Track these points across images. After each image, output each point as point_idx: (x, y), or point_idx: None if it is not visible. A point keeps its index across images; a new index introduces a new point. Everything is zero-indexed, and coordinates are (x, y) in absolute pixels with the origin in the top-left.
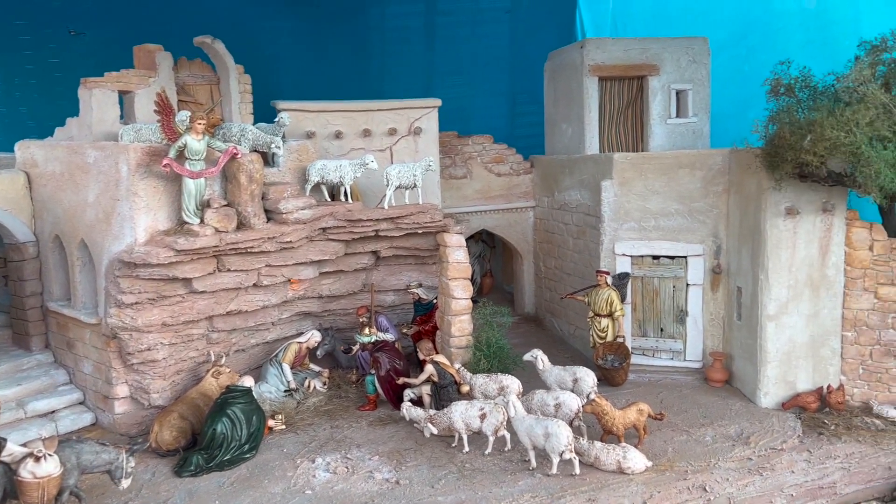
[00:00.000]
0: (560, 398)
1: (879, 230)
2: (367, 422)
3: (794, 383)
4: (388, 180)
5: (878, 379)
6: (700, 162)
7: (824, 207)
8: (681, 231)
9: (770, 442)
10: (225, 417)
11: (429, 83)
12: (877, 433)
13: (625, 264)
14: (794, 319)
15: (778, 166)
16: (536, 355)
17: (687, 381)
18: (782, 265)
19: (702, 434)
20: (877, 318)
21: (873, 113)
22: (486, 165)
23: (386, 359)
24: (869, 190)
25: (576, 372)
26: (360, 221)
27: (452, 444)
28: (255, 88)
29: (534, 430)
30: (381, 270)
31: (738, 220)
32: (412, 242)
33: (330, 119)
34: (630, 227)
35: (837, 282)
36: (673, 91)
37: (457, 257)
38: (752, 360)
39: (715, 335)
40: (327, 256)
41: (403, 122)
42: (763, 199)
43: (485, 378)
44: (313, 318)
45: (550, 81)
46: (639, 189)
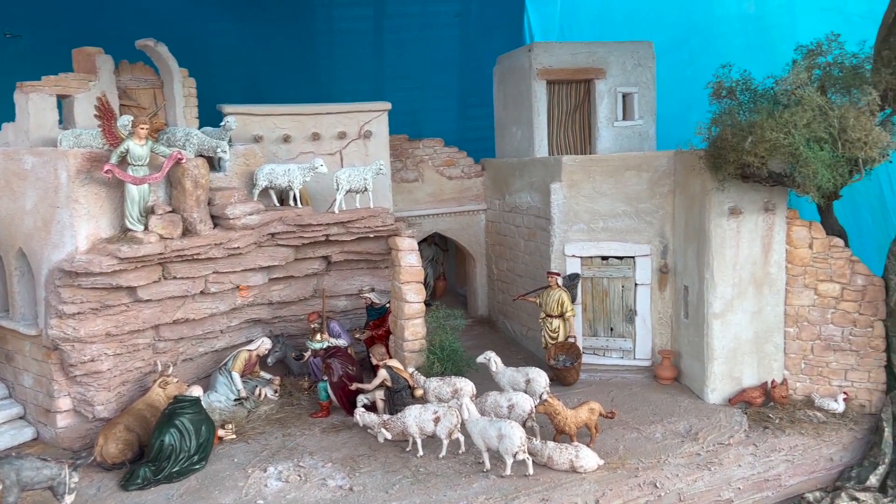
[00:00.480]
0: (513, 399)
1: (818, 228)
2: (320, 429)
3: (739, 379)
4: (338, 184)
5: (819, 373)
6: (646, 164)
7: (766, 207)
8: (628, 232)
9: (718, 437)
10: (173, 428)
11: (379, 87)
12: (818, 425)
13: (575, 265)
14: (738, 317)
15: (721, 167)
16: (489, 357)
17: (637, 379)
18: (727, 264)
19: (652, 431)
20: (817, 313)
21: (810, 115)
22: (437, 169)
23: (338, 365)
24: (807, 189)
25: (528, 373)
26: (309, 226)
27: (406, 449)
28: (201, 92)
29: (487, 431)
30: (333, 275)
31: (684, 220)
32: (364, 247)
33: (278, 123)
34: (579, 229)
35: (780, 279)
36: (619, 94)
37: (409, 261)
38: (699, 357)
39: (663, 333)
40: (277, 262)
41: (353, 126)
42: (707, 200)
43: (438, 381)
44: (263, 326)
45: (500, 85)
46: (587, 191)
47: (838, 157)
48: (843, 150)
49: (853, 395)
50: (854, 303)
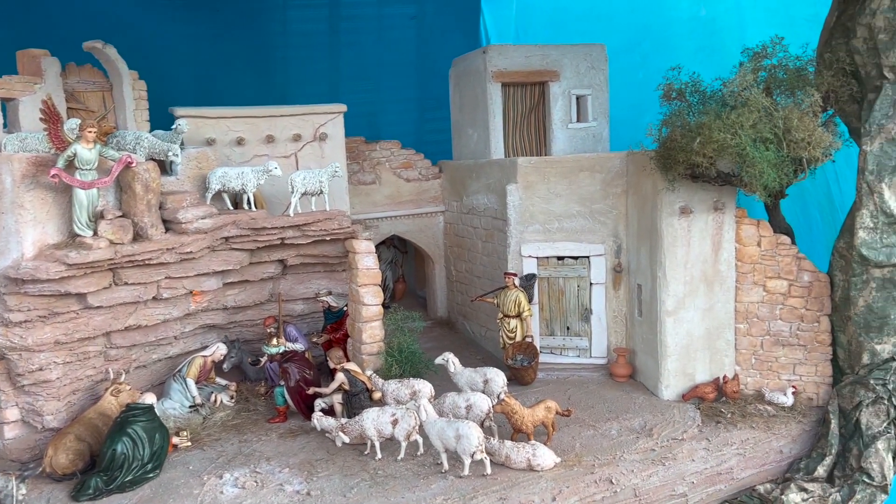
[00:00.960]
0: (471, 400)
1: (766, 227)
2: (278, 434)
3: (692, 375)
4: (293, 187)
5: (769, 368)
6: (599, 165)
7: (715, 206)
8: (583, 232)
9: (671, 433)
10: (125, 437)
11: (335, 88)
12: (769, 419)
13: (531, 265)
14: (690, 314)
15: (671, 168)
16: (448, 358)
17: (593, 377)
18: (678, 262)
19: (608, 428)
20: (766, 309)
21: (756, 116)
22: (394, 171)
23: (295, 369)
24: (754, 189)
25: (486, 373)
26: (264, 230)
27: (365, 452)
28: (154, 95)
29: (445, 432)
30: (289, 279)
31: (637, 220)
32: (320, 250)
33: (231, 125)
34: (535, 230)
35: (729, 277)
36: (573, 96)
37: (366, 264)
38: (653, 354)
39: (618, 332)
40: (231, 266)
41: (308, 128)
42: (658, 200)
43: (397, 384)
44: (219, 331)
45: (456, 87)
46: (542, 192)
47: (783, 157)
48: (787, 150)
49: (801, 388)
50: (801, 299)
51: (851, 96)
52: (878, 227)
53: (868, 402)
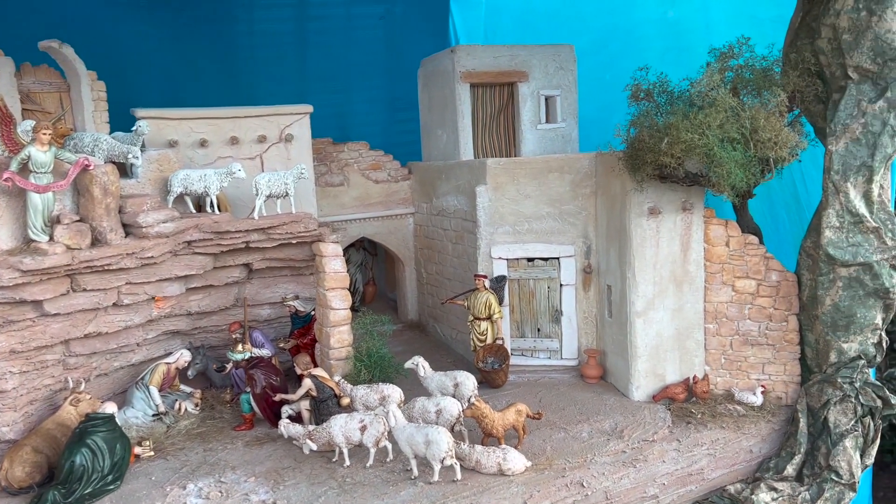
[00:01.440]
0: (441, 404)
1: (734, 227)
2: (244, 442)
3: (663, 376)
4: (258, 189)
5: (738, 367)
6: (568, 166)
7: (684, 206)
8: (553, 233)
9: (642, 434)
10: (84, 448)
11: (303, 89)
12: (738, 418)
13: (501, 267)
14: (660, 314)
15: (639, 168)
16: (417, 362)
17: (564, 378)
18: (647, 263)
19: (578, 430)
20: (735, 309)
21: (723, 116)
22: (363, 172)
23: (261, 375)
24: (722, 189)
25: (456, 377)
26: (228, 233)
27: (333, 459)
28: (117, 96)
29: (414, 438)
30: (255, 283)
31: (606, 220)
32: (286, 253)
33: (194, 127)
34: (505, 231)
35: (698, 277)
36: (542, 97)
37: (334, 267)
38: (623, 355)
39: (589, 333)
40: (194, 271)
41: (273, 129)
42: (627, 200)
43: (366, 389)
44: (183, 337)
45: (424, 88)
46: (512, 194)
47: (750, 157)
48: (754, 150)
49: (770, 387)
50: (769, 298)
51: (817, 96)
52: (843, 227)
53: (836, 400)
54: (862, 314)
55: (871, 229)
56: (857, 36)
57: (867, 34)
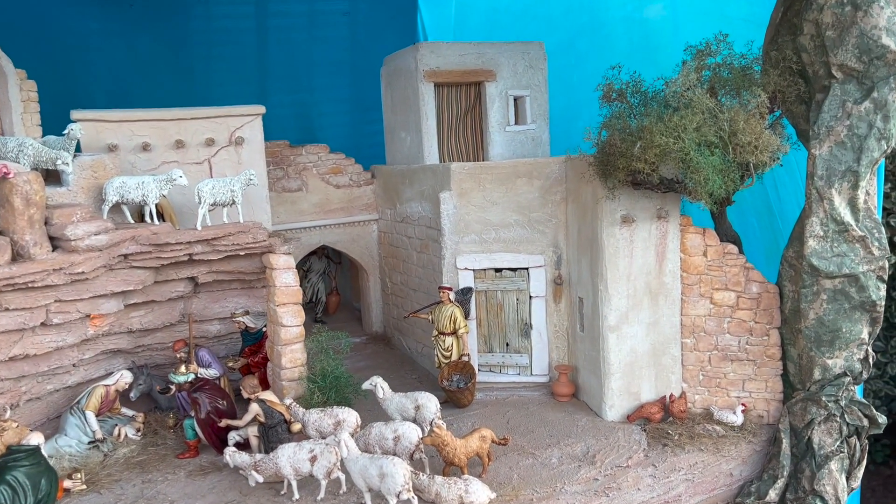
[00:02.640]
0: (399, 430)
1: (712, 235)
2: (187, 472)
3: (638, 394)
4: (200, 198)
5: (718, 384)
6: (537, 171)
7: (659, 214)
8: (521, 242)
9: (616, 459)
10: (4, 485)
11: (263, 90)
12: (718, 440)
13: (468, 278)
14: (634, 329)
15: (611, 174)
16: (376, 383)
17: (534, 396)
18: (620, 274)
19: (548, 456)
20: (713, 323)
21: (700, 118)
22: (322, 177)
23: (206, 399)
24: (698, 196)
25: (418, 398)
26: (168, 245)
27: (282, 492)
28: (58, 97)
29: (368, 470)
30: (203, 298)
31: (577, 229)
32: (235, 265)
33: (135, 130)
34: (471, 240)
35: (675, 289)
36: (511, 97)
37: (285, 280)
38: (596, 372)
39: (560, 348)
40: (132, 286)
41: (223, 132)
42: (598, 208)
43: (319, 413)
44: (126, 356)
45: (387, 88)
46: (478, 200)
47: (729, 163)
48: (734, 155)
49: (751, 405)
50: (749, 311)
51: (799, 96)
52: (828, 236)
53: (820, 419)
54: (847, 328)
55: (857, 238)
56: (841, 32)
57: (852, 30)
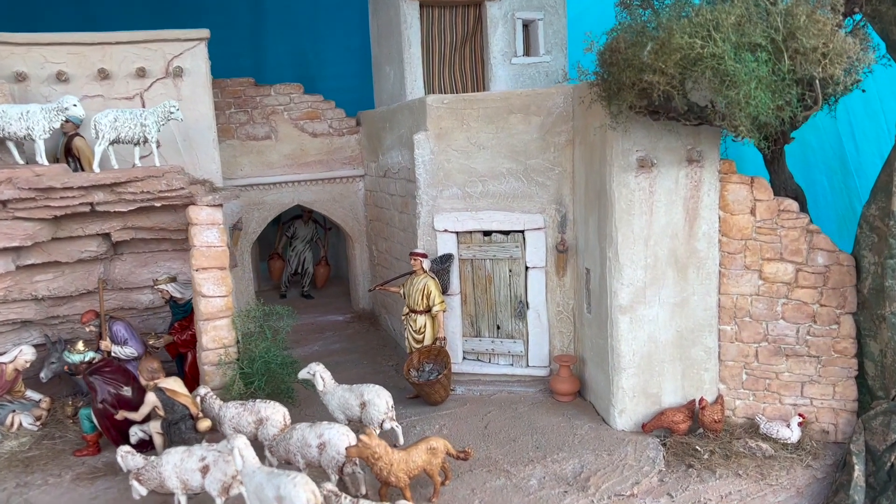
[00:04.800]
0: (325, 436)
1: (763, 186)
2: (74, 475)
3: (657, 396)
4: (98, 132)
5: (767, 387)
6: (536, 104)
7: (689, 157)
8: (516, 198)
9: (618, 483)
10: None
11: (257, 31)
12: (764, 462)
13: (448, 243)
14: (654, 311)
15: (616, 94)
16: (314, 372)
17: (528, 394)
18: (636, 237)
19: (527, 475)
20: (763, 305)
21: (741, 10)
22: (296, 123)
23: (103, 384)
24: (736, 123)
25: (364, 393)
26: (55, 191)
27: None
28: None
29: (263, 490)
30: (127, 261)
31: (585, 180)
32: (155, 221)
33: (49, 56)
34: (453, 195)
35: (710, 258)
36: (518, 21)
37: (206, 239)
38: (603, 366)
39: (564, 333)
40: (20, 242)
41: (157, 61)
42: (607, 148)
43: (238, 408)
44: (40, 328)
45: (374, 14)
46: (461, 143)
47: (783, 76)
48: (791, 64)
49: (812, 417)
50: (813, 290)
51: None
52: None
53: None
54: None
55: None
56: None
57: None
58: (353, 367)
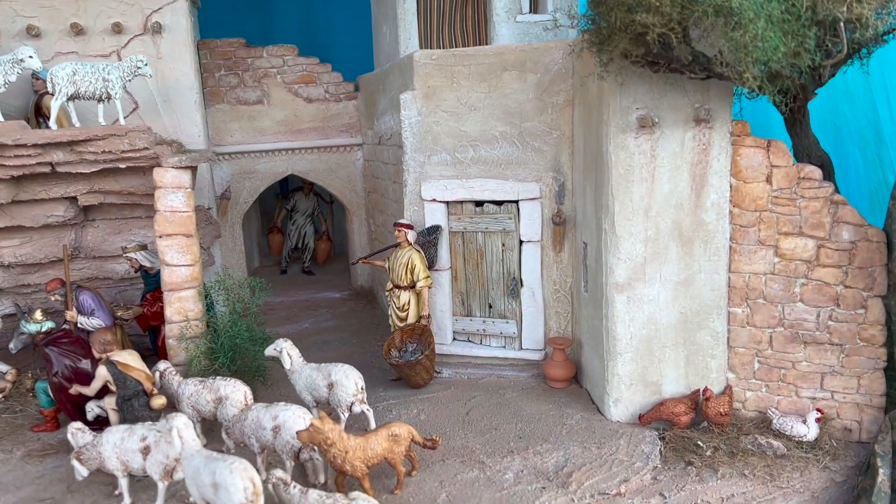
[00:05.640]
0: (280, 418)
1: (781, 151)
2: (25, 451)
3: (658, 385)
4: (55, 86)
5: (782, 378)
6: (532, 60)
7: (697, 116)
8: (510, 164)
9: (604, 480)
10: None
11: None
12: (774, 461)
13: (437, 214)
14: (655, 289)
15: (607, 40)
16: (281, 348)
17: (520, 378)
18: (635, 207)
19: (503, 468)
20: (778, 285)
21: None
22: (289, 87)
23: (59, 356)
24: (741, 69)
25: (332, 373)
26: (7, 148)
27: (116, 492)
28: None
29: (200, 476)
30: (100, 227)
31: (583, 144)
32: (124, 184)
33: (19, 9)
34: (441, 161)
35: (720, 231)
36: None
37: (170, 203)
38: (598, 350)
39: (561, 314)
40: None
41: (135, 16)
42: (603, 106)
43: (197, 385)
44: (12, 297)
45: None
46: (451, 104)
47: (800, 14)
48: (808, 2)
49: (832, 412)
50: (837, 269)
51: None
52: None
53: None
54: None
55: None
56: None
57: None
58: (341, 345)
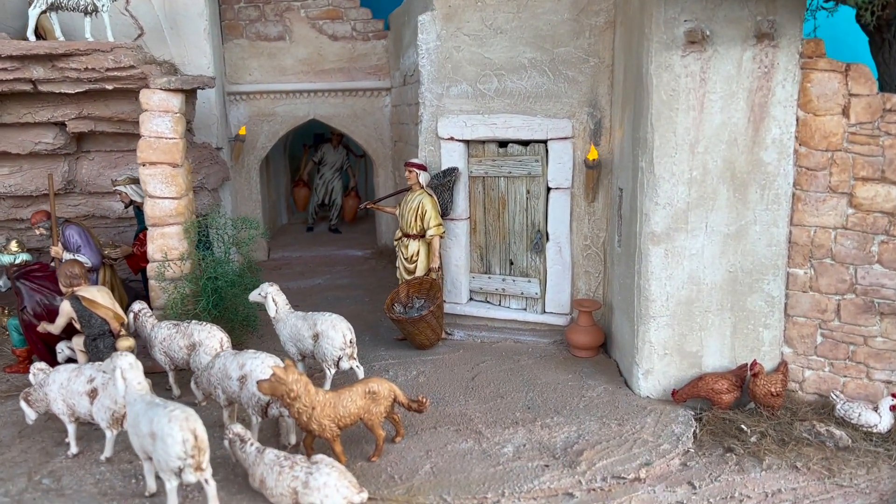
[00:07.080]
0: (248, 366)
1: (864, 76)
2: None
3: (697, 356)
4: None
5: (850, 355)
6: None
7: (759, 30)
8: (539, 97)
9: (620, 462)
10: None
11: None
12: (835, 453)
13: (454, 154)
14: (699, 242)
15: None
16: (267, 293)
17: (540, 344)
18: (679, 142)
19: (503, 440)
20: (852, 243)
21: None
22: (313, 22)
23: (30, 291)
24: None
25: (317, 322)
26: None
27: (66, 439)
28: None
29: (139, 424)
30: (96, 160)
31: (623, 72)
32: (115, 110)
33: None
34: (461, 93)
35: (781, 174)
36: None
37: (155, 127)
38: (629, 313)
39: (591, 274)
40: None
41: None
42: (644, 17)
43: (170, 329)
44: (6, 231)
45: None
46: (474, 25)
47: None
48: None
49: None
50: None
51: None
52: None
53: None
54: None
55: None
56: None
57: None
58: (353, 303)
